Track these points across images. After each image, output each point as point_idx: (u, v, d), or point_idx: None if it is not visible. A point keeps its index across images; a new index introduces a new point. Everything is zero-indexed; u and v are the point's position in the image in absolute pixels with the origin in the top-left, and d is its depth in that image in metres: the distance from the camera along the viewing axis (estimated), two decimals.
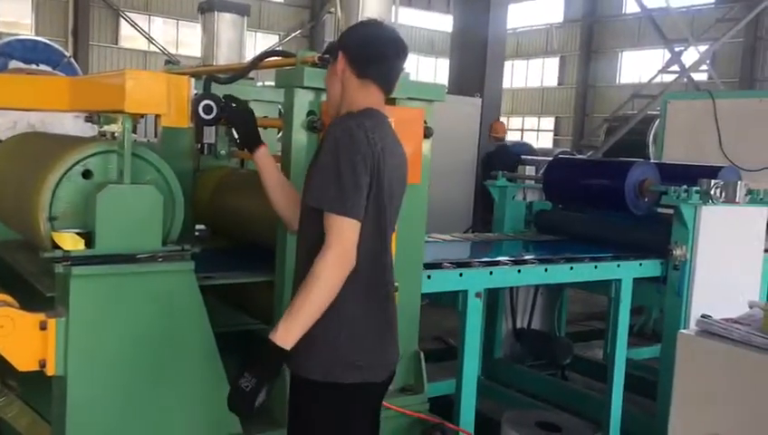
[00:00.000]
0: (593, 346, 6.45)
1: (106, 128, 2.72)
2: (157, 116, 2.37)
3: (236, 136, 2.54)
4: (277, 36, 27.32)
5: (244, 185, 3.35)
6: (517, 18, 26.61)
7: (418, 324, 3.10)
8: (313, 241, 2.08)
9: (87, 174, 2.32)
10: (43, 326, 2.16)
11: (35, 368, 2.18)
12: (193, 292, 2.39)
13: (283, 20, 27.59)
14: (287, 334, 1.99)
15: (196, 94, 2.50)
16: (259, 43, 25.35)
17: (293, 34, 27.61)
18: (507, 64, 12.23)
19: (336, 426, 2.15)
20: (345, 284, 2.04)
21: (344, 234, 2.02)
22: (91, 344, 2.21)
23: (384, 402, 2.53)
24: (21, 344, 2.15)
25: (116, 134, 3.01)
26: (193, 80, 2.49)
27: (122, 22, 25.08)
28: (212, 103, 2.51)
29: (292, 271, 2.48)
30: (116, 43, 25.16)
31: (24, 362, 2.16)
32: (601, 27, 29.60)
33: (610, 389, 4.21)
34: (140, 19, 25.33)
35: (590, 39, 29.86)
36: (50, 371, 2.18)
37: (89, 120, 2.78)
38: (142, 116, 2.66)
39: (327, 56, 2.41)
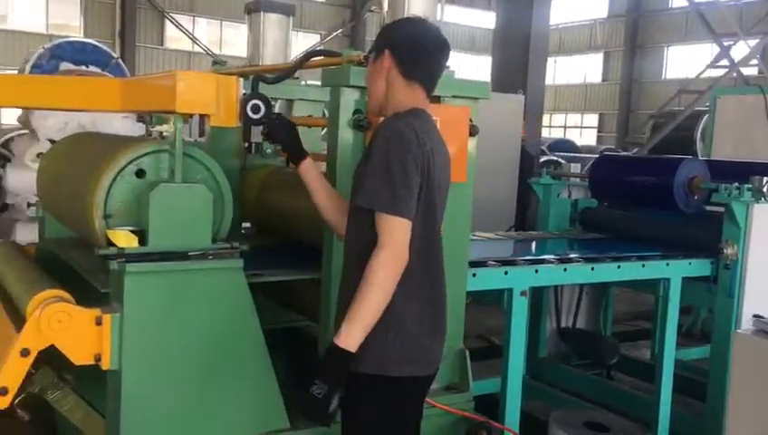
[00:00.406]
0: (640, 346, 6.35)
1: (158, 128, 2.77)
2: (203, 116, 2.41)
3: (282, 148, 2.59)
4: (318, 36, 27.47)
5: (290, 183, 3.38)
6: (560, 14, 26.28)
7: (463, 322, 3.10)
8: (364, 241, 2.10)
9: (140, 173, 2.37)
10: (98, 322, 2.22)
11: (91, 362, 2.24)
12: (242, 289, 2.43)
13: (323, 19, 27.73)
14: (350, 337, 2.02)
15: (244, 94, 2.54)
16: (300, 42, 25.52)
17: (334, 34, 27.74)
18: (550, 61, 12.10)
19: (387, 419, 2.17)
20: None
21: (396, 234, 2.04)
22: (145, 339, 2.27)
23: (428, 400, 2.54)
24: (77, 339, 2.21)
25: (164, 134, 3.08)
26: (241, 80, 2.53)
27: (167, 23, 25.50)
28: (260, 103, 2.54)
29: (338, 269, 2.51)
30: (161, 45, 25.60)
31: (79, 356, 2.22)
32: (647, 22, 29.07)
33: (659, 389, 4.14)
34: (185, 20, 25.72)
35: (636, 34, 29.34)
36: (105, 365, 2.24)
37: (141, 120, 2.84)
38: (191, 116, 2.71)
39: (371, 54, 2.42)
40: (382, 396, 2.16)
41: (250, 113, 2.53)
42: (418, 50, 2.25)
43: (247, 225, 3.86)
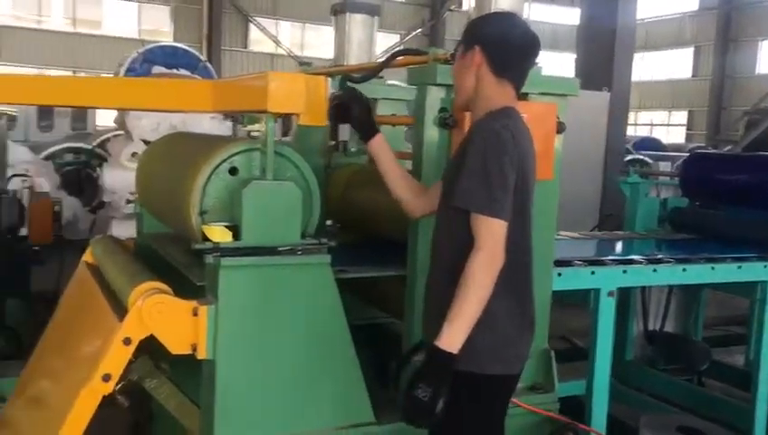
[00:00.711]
0: (732, 352, 6.09)
1: (248, 127, 2.87)
2: (287, 116, 2.47)
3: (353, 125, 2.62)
4: (398, 36, 27.60)
5: (373, 181, 3.43)
6: (647, 8, 25.47)
7: (548, 322, 3.06)
8: (458, 242, 2.12)
9: (233, 171, 2.46)
10: (194, 313, 2.31)
11: (187, 352, 2.33)
12: (329, 284, 2.48)
13: (403, 19, 27.83)
14: (452, 339, 2.04)
15: (332, 94, 2.59)
16: (380, 42, 25.65)
17: (414, 33, 27.82)
18: (636, 56, 11.75)
19: (479, 417, 2.18)
20: None
21: (494, 235, 2.06)
22: (238, 330, 2.35)
23: (513, 399, 2.52)
24: (175, 329, 2.31)
25: (252, 133, 3.17)
26: (329, 80, 2.58)
27: (251, 26, 26.17)
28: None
29: (423, 266, 2.53)
30: (245, 47, 26.31)
31: (177, 345, 2.32)
32: (740, 15, 27.85)
33: (755, 396, 3.97)
34: (268, 23, 26.34)
35: (728, 27, 28.15)
36: (200, 354, 2.33)
37: (233, 120, 2.94)
38: (282, 115, 2.79)
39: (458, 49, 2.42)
40: (474, 394, 2.17)
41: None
42: (510, 46, 2.24)
43: (329, 222, 3.93)
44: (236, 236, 2.35)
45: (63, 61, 23.45)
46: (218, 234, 2.32)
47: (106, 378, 2.26)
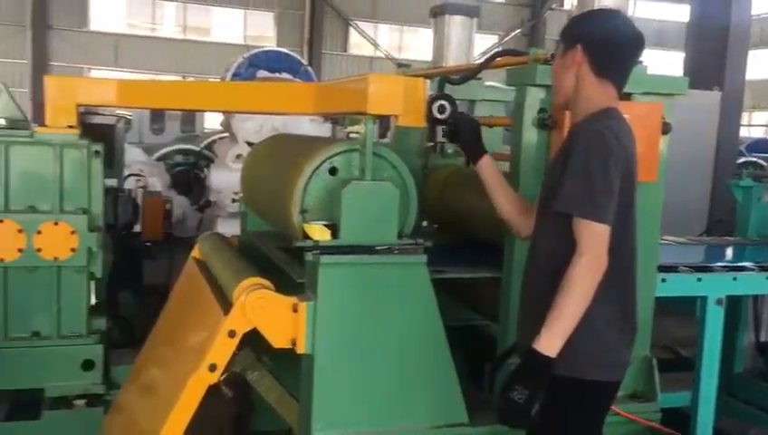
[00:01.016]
0: None
1: (349, 129, 2.93)
2: (387, 117, 2.52)
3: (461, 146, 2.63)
4: (497, 36, 27.30)
5: (470, 182, 3.42)
6: (761, 3, 24.07)
7: (650, 329, 2.96)
8: (558, 246, 2.09)
9: (333, 171, 2.53)
10: (294, 308, 2.39)
11: (287, 346, 2.42)
12: (426, 283, 2.51)
13: (502, 20, 27.49)
14: (550, 343, 2.02)
15: (430, 95, 2.62)
16: (478, 44, 25.48)
17: (513, 33, 27.44)
18: (750, 54, 11.14)
19: (577, 422, 2.15)
20: None
21: (597, 240, 2.02)
22: (336, 327, 2.41)
23: (613, 407, 2.47)
24: (276, 323, 2.40)
25: (350, 135, 3.24)
26: (428, 81, 2.61)
27: (351, 30, 26.59)
28: (446, 103, 2.61)
29: (520, 268, 2.50)
30: (345, 51, 26.75)
31: (278, 339, 2.41)
32: None
33: None
34: (368, 27, 26.68)
35: None
36: (299, 349, 2.41)
37: (334, 122, 3.02)
38: (382, 117, 2.84)
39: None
40: (573, 399, 2.14)
41: (436, 113, 2.60)
42: (613, 46, 2.19)
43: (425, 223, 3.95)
44: (335, 234, 2.42)
45: (174, 67, 24.61)
46: (318, 232, 2.39)
47: (212, 368, 2.38)
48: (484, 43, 25.75)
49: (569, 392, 2.12)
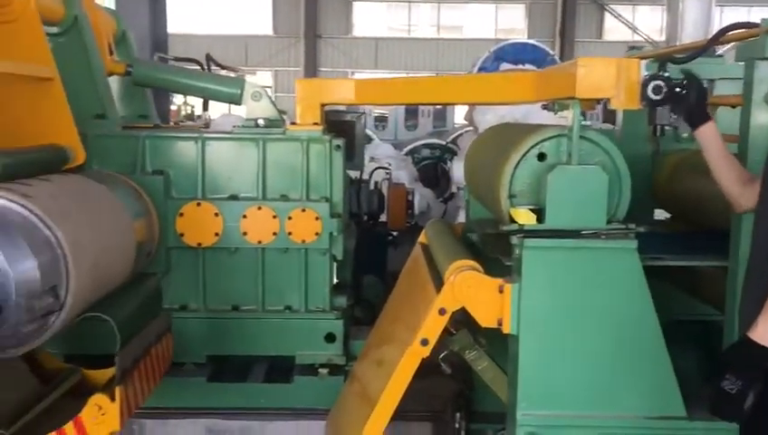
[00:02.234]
0: None
1: (559, 114, 2.93)
2: (599, 100, 2.48)
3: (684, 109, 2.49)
4: (747, 8, 24.30)
5: (701, 167, 3.22)
6: None
7: None
8: None
9: (541, 156, 2.57)
10: (500, 290, 2.49)
11: (493, 325, 2.52)
12: (635, 270, 2.44)
13: None
14: (767, 333, 1.91)
15: (645, 76, 2.53)
16: (727, 17, 22.91)
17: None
18: None
19: None
20: None
21: None
22: (540, 309, 2.46)
23: None
24: (483, 304, 2.52)
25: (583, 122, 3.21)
26: (644, 62, 2.53)
27: (606, 15, 25.52)
28: (661, 84, 2.50)
29: (746, 256, 2.34)
30: (599, 38, 25.74)
31: (484, 318, 2.52)
32: None
33: None
34: (624, 10, 25.39)
35: None
36: (505, 329, 2.49)
37: (545, 107, 3.03)
38: (599, 101, 2.81)
39: None
40: None
41: (651, 94, 2.51)
42: None
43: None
44: (541, 218, 2.46)
45: (428, 65, 25.66)
46: (523, 216, 2.46)
47: (424, 342, 2.56)
48: (734, 17, 23.11)
49: None
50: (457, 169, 8.03)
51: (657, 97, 2.51)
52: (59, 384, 3.01)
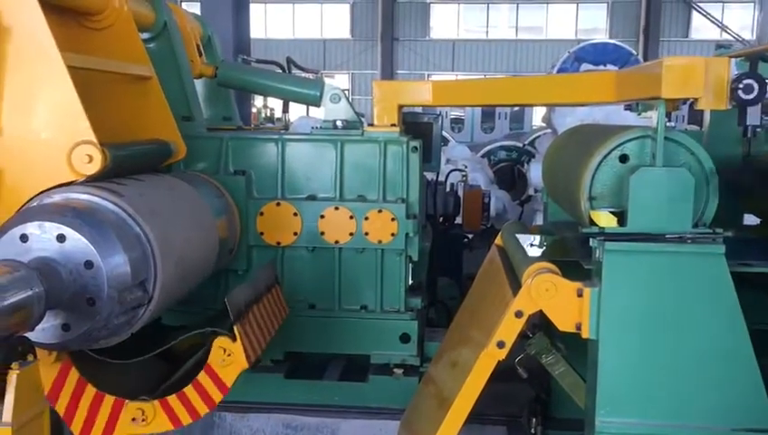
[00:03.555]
0: None
1: (642, 115, 2.86)
2: (685, 100, 2.41)
3: None
4: None
5: None
6: None
7: None
8: None
9: (623, 158, 2.51)
10: (579, 293, 2.44)
11: (572, 330, 2.47)
12: (723, 276, 2.35)
13: None
14: None
15: (736, 75, 2.44)
16: None
17: None
18: None
19: None
20: None
21: None
22: (621, 314, 2.40)
23: None
24: (561, 307, 2.47)
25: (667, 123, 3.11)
26: (733, 61, 2.44)
27: (694, 13, 24.63)
28: (753, 83, 2.40)
29: None
30: (686, 36, 24.87)
31: (562, 322, 2.48)
32: None
33: None
34: (713, 8, 24.46)
35: None
36: (584, 334, 2.44)
37: (627, 108, 2.96)
38: (684, 102, 2.72)
39: None
40: None
41: (741, 94, 2.42)
42: None
43: None
44: (622, 221, 2.40)
45: (506, 67, 25.40)
46: (604, 219, 2.41)
47: (500, 344, 2.53)
48: None
49: None
50: (535, 172, 7.93)
51: (749, 97, 2.42)
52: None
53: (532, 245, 3.11)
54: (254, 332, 2.89)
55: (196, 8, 9.36)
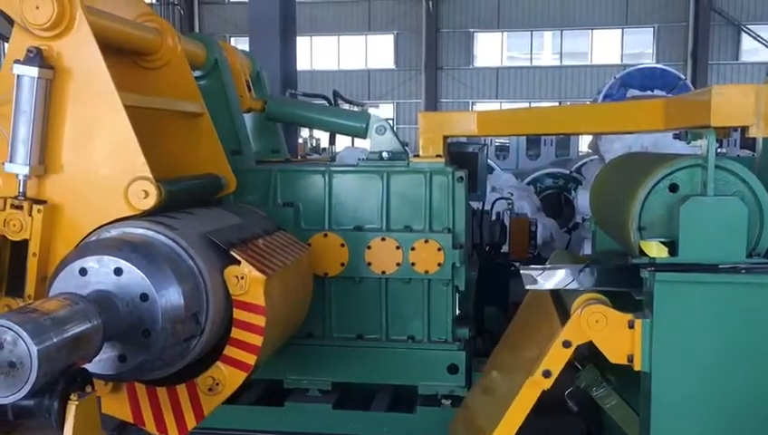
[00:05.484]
0: None
1: (692, 144, 2.83)
2: (737, 128, 2.38)
3: None
4: None
5: None
6: None
7: None
8: None
9: (673, 187, 2.48)
10: (630, 325, 2.41)
11: (623, 362, 2.44)
12: None
13: None
14: None
15: None
16: None
17: None
18: None
19: None
20: None
21: None
22: (674, 346, 2.35)
23: None
24: (612, 339, 2.44)
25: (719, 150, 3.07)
26: None
27: (743, 36, 24.19)
28: None
29: None
30: (736, 59, 24.41)
31: (614, 354, 2.45)
32: None
33: None
34: (764, 30, 23.99)
35: None
36: (636, 366, 2.41)
37: (676, 137, 2.93)
38: (736, 129, 2.68)
39: None
40: None
41: None
42: None
43: None
44: (673, 251, 2.37)
45: (551, 93, 25.28)
46: (654, 249, 2.38)
47: (546, 374, 2.51)
48: None
49: None
50: (582, 199, 7.86)
51: None
52: None
53: (581, 273, 3.07)
54: (263, 257, 2.79)
55: (245, 43, 9.60)
